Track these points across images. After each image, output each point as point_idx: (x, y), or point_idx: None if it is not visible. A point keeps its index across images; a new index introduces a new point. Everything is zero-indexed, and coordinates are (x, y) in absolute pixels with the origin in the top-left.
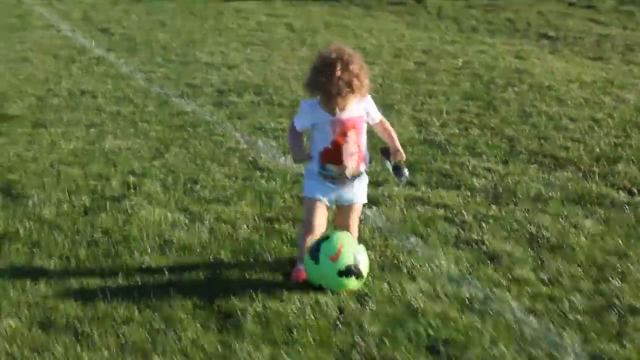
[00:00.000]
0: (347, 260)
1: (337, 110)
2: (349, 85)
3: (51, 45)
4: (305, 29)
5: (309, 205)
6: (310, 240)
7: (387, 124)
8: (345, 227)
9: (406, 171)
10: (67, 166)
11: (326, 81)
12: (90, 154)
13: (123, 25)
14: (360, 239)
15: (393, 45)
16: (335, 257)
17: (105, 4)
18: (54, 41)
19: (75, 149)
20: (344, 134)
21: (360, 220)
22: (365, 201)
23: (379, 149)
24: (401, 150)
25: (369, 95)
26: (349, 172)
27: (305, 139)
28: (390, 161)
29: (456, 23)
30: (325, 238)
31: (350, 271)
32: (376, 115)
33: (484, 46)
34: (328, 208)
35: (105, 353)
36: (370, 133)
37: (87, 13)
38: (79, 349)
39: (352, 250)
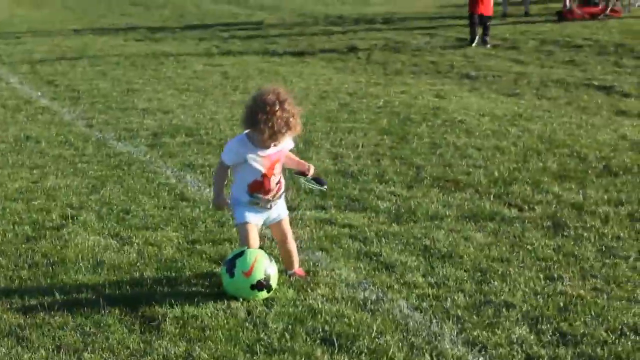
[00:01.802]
0: (258, 275)
1: (272, 145)
2: (287, 124)
3: None
4: (238, 76)
5: (243, 231)
6: None
7: (290, 154)
8: (284, 240)
9: (323, 178)
10: (11, 202)
11: (267, 120)
12: (33, 191)
13: (68, 77)
14: (271, 255)
15: (320, 88)
16: (248, 272)
17: (53, 59)
18: (2, 92)
19: (19, 188)
20: (272, 167)
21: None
22: (287, 213)
23: (293, 173)
24: (309, 165)
25: None
26: (273, 198)
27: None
28: (307, 177)
29: (383, 67)
30: (240, 254)
31: (261, 284)
32: (291, 146)
33: (405, 87)
34: (260, 229)
35: (43, 352)
36: None
37: (34, 67)
38: (19, 349)
39: (264, 266)
